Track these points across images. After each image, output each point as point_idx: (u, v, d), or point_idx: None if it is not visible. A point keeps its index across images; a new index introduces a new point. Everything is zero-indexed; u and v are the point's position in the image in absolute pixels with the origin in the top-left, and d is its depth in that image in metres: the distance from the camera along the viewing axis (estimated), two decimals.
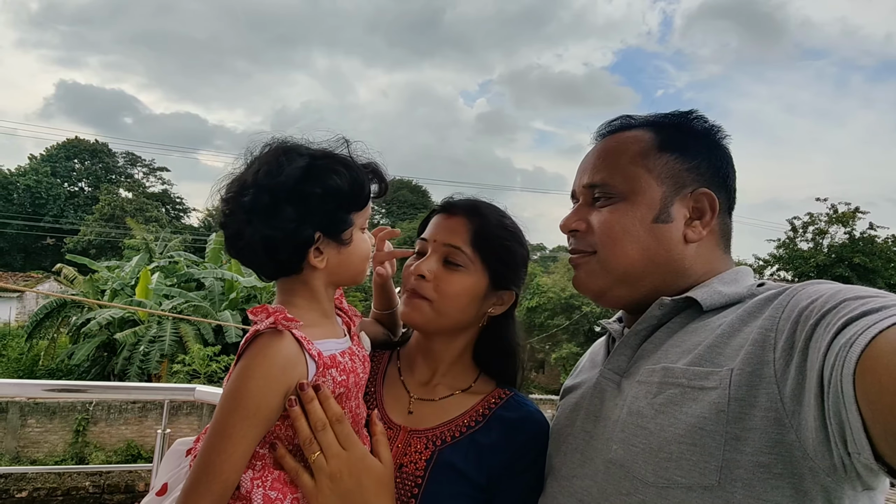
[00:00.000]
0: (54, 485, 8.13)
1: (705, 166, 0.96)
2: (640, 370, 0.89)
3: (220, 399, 0.89)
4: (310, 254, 0.92)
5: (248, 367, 0.88)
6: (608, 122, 1.05)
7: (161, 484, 1.01)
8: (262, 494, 0.88)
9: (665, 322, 0.92)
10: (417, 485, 0.99)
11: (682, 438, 0.76)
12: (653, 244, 0.93)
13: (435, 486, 0.99)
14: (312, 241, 0.91)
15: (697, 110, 0.99)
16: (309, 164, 0.91)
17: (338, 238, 0.94)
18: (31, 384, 2.81)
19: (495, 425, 1.06)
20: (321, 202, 0.91)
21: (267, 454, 0.93)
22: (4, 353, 17.58)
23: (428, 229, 1.15)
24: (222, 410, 0.87)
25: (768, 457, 0.70)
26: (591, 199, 1.00)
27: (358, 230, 0.98)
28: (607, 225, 0.95)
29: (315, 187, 0.90)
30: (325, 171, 0.91)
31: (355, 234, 0.97)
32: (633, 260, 0.94)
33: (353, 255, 0.98)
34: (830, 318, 0.67)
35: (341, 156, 0.96)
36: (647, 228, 0.93)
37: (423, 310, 1.08)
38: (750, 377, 0.73)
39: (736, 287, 0.90)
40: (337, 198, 0.92)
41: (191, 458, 0.99)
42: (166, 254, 20.26)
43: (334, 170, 0.92)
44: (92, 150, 43.18)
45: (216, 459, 0.85)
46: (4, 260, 36.42)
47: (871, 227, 19.73)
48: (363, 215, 0.98)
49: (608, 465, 0.85)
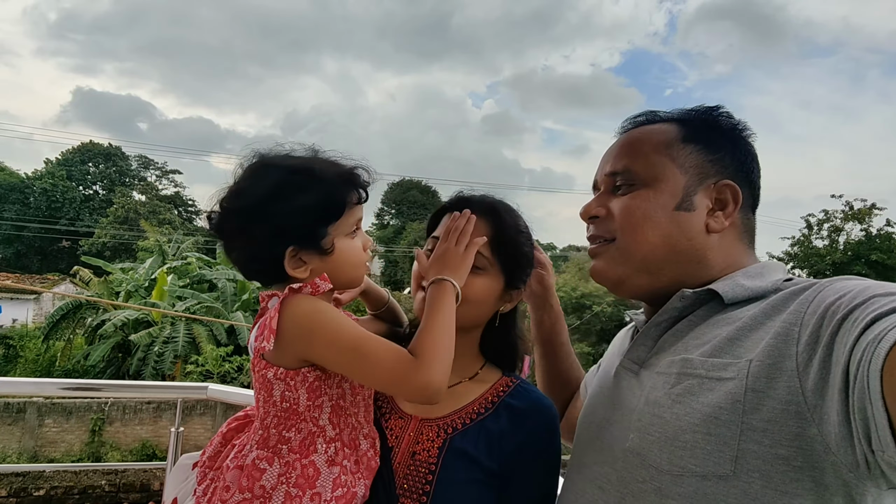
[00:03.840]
0: (71, 483, 8.27)
1: (729, 159, 0.95)
2: (661, 362, 0.89)
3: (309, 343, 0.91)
4: (286, 266, 0.93)
5: (303, 302, 0.91)
6: (632, 116, 1.04)
7: (171, 499, 1.03)
8: (285, 492, 0.89)
9: (686, 314, 0.91)
10: (431, 471, 1.01)
11: (696, 427, 0.76)
12: (674, 231, 0.92)
13: (449, 473, 1.01)
14: (282, 256, 0.93)
15: (722, 106, 0.99)
16: (277, 181, 0.92)
17: (317, 248, 0.94)
18: (48, 382, 2.87)
19: (504, 412, 1.07)
20: (287, 219, 0.92)
21: (293, 438, 0.94)
22: (22, 353, 17.88)
23: (442, 228, 1.13)
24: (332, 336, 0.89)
25: (788, 449, 0.69)
26: (613, 186, 0.99)
27: (342, 237, 0.97)
28: (628, 210, 0.94)
29: (279, 206, 0.91)
30: (291, 189, 0.92)
31: (338, 242, 0.97)
32: (653, 246, 0.92)
33: (338, 261, 0.97)
34: (858, 314, 0.65)
35: (314, 168, 0.95)
36: (668, 215, 0.92)
37: None
38: (769, 369, 0.72)
39: (760, 281, 0.88)
40: (305, 213, 0.92)
41: (197, 472, 1.01)
42: (179, 255, 20.48)
43: (301, 186, 0.92)
44: (106, 154, 43.84)
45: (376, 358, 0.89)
46: (22, 262, 37.10)
47: (888, 224, 19.45)
48: (344, 223, 0.97)
49: (625, 453, 0.86)
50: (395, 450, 1.05)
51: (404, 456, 1.04)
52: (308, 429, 0.94)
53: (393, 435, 1.07)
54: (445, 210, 1.16)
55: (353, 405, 0.99)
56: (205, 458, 1.02)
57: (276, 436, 0.94)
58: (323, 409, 0.95)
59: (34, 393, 10.94)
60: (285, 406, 0.93)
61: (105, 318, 15.87)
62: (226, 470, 0.95)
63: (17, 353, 17.97)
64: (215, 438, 1.05)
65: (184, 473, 1.07)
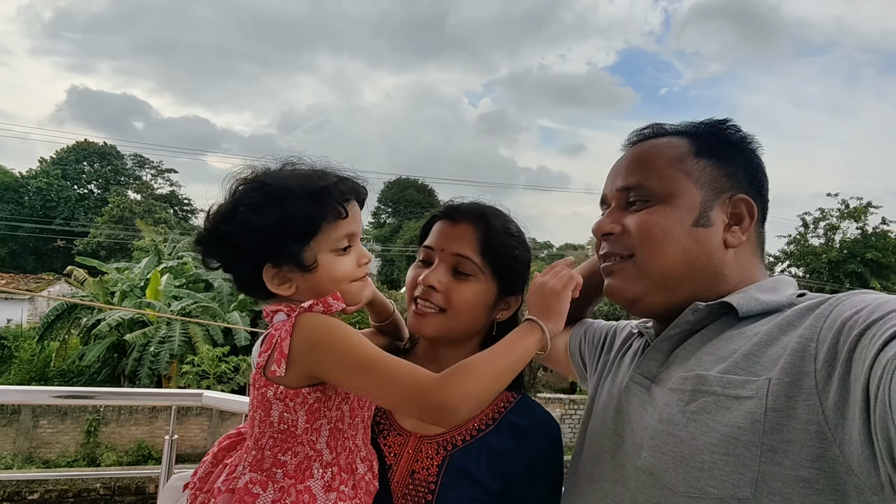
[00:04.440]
0: (66, 486, 8.22)
1: (742, 173, 0.94)
2: (673, 377, 0.87)
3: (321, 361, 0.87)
4: (267, 283, 0.93)
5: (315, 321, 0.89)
6: (638, 130, 1.04)
7: None
8: None
9: (699, 329, 0.90)
10: (431, 490, 0.99)
11: (714, 448, 0.74)
12: (693, 248, 0.91)
13: (448, 492, 0.99)
14: (257, 273, 0.92)
15: (731, 119, 0.98)
16: (242, 199, 0.92)
17: (299, 265, 0.92)
18: (39, 391, 2.79)
19: (506, 430, 1.06)
20: (245, 240, 0.91)
21: (289, 461, 0.90)
22: (17, 354, 17.80)
23: (432, 237, 1.12)
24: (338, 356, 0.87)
25: (809, 471, 0.67)
26: (626, 202, 0.97)
27: (326, 253, 0.94)
28: (646, 226, 0.92)
29: (235, 227, 0.91)
30: (248, 209, 0.91)
31: (322, 258, 0.93)
32: (672, 263, 0.91)
33: (322, 279, 0.94)
34: (876, 330, 0.64)
35: (282, 185, 0.93)
36: (687, 231, 0.91)
37: (433, 320, 1.07)
38: (788, 387, 0.71)
39: (775, 295, 0.87)
40: (264, 233, 0.90)
41: (188, 494, 0.99)
42: (175, 255, 20.39)
43: (258, 206, 0.90)
44: (101, 153, 43.62)
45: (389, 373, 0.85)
46: (16, 262, 36.90)
47: (883, 222, 19.53)
48: (326, 239, 0.94)
49: (638, 472, 0.84)
50: (393, 468, 1.03)
51: (403, 475, 1.02)
52: (304, 452, 0.91)
53: (391, 453, 1.05)
54: (436, 219, 1.15)
55: (352, 427, 0.96)
56: (195, 479, 0.99)
57: (270, 458, 0.91)
58: (321, 432, 0.92)
59: (25, 401, 10.86)
60: (283, 427, 0.90)
61: (100, 318, 15.79)
62: (217, 493, 0.92)
63: (12, 354, 17.88)
64: (207, 458, 1.02)
65: (174, 496, 1.05)
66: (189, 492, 0.99)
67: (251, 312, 17.30)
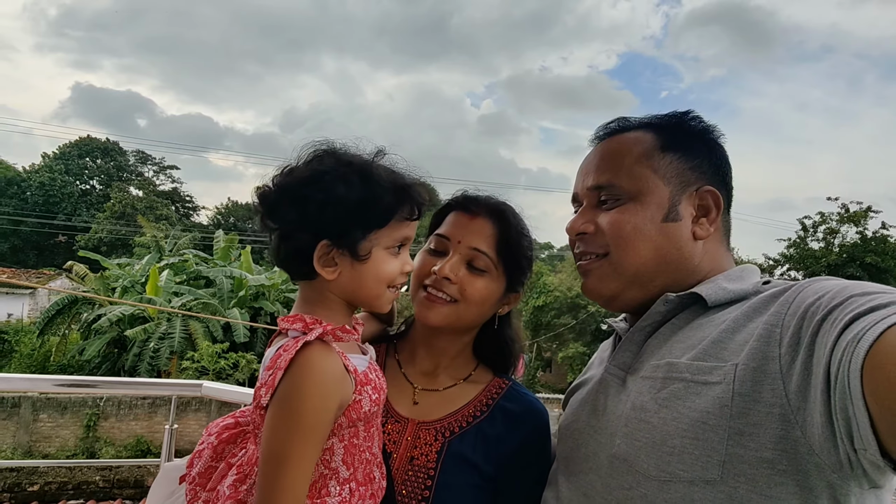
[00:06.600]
0: (65, 479, 8.24)
1: (707, 165, 0.97)
2: (645, 366, 0.89)
3: (271, 421, 0.80)
4: (315, 261, 0.87)
5: (304, 383, 0.80)
6: (605, 124, 1.05)
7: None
8: None
9: (670, 318, 0.92)
10: (430, 476, 1.00)
11: (684, 432, 0.76)
12: (664, 243, 0.93)
13: (448, 478, 1.00)
14: (311, 246, 0.87)
15: (693, 110, 1.00)
16: (328, 169, 0.88)
17: (353, 251, 0.88)
18: (42, 379, 2.85)
19: (499, 416, 1.08)
20: (321, 208, 0.86)
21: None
22: (17, 348, 17.80)
23: (448, 227, 1.11)
24: (278, 434, 0.79)
25: (773, 452, 0.69)
26: (597, 201, 0.99)
27: (382, 250, 0.91)
28: (618, 225, 0.95)
29: (317, 192, 0.86)
30: (336, 179, 0.87)
31: (376, 253, 0.90)
32: (645, 260, 0.94)
33: (368, 273, 0.91)
34: (837, 314, 0.66)
35: (372, 168, 0.90)
36: (657, 228, 0.93)
37: (443, 310, 1.07)
38: (754, 373, 0.73)
39: (741, 284, 0.89)
40: (345, 209, 0.86)
41: (186, 487, 0.94)
42: (176, 251, 20.41)
43: (347, 179, 0.87)
44: (104, 149, 43.58)
45: (282, 491, 0.78)
46: (18, 257, 36.90)
47: (883, 227, 19.47)
48: (388, 235, 0.91)
49: (612, 459, 0.86)
50: (393, 455, 1.03)
51: (402, 462, 1.02)
52: (319, 471, 0.86)
53: (390, 440, 1.05)
54: (450, 207, 1.14)
55: (367, 439, 0.92)
56: (194, 473, 0.94)
57: None
58: (335, 451, 0.87)
59: (28, 389, 10.89)
60: None
61: (101, 313, 15.80)
62: (222, 497, 0.87)
63: (12, 348, 17.89)
64: (204, 450, 0.96)
65: (169, 486, 1.02)
66: (188, 486, 0.93)
67: (251, 310, 17.32)
